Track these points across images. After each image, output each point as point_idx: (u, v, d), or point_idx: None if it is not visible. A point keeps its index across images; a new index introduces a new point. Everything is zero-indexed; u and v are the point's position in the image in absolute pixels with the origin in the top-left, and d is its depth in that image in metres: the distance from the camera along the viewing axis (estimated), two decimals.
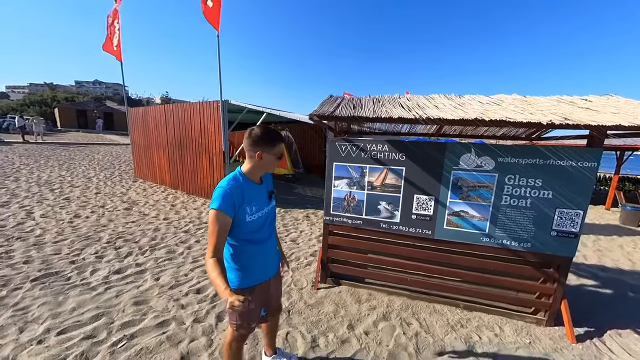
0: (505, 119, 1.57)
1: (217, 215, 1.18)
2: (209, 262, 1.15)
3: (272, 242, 1.48)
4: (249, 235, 1.31)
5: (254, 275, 1.38)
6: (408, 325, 2.33)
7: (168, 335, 2.08)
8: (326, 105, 2.21)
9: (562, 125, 1.54)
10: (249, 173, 1.33)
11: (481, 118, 1.59)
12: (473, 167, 2.32)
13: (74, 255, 3.31)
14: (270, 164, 1.32)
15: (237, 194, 1.23)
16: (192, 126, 6.07)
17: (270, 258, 1.48)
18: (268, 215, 1.41)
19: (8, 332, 2.04)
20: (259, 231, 1.35)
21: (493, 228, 2.36)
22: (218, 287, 1.07)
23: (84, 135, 21.25)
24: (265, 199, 1.39)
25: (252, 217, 1.29)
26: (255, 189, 1.34)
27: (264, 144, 1.26)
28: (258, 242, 1.36)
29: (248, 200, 1.27)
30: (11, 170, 7.82)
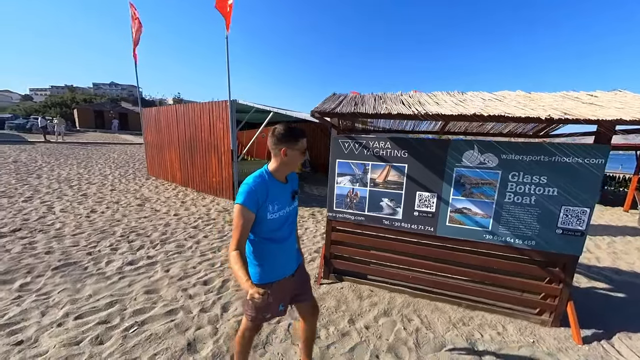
0: (504, 114, 1.57)
1: (241, 210, 1.22)
2: (232, 255, 1.18)
3: (292, 241, 1.49)
4: (269, 234, 1.34)
5: (272, 272, 1.40)
6: (409, 322, 2.34)
7: (176, 323, 2.18)
8: (328, 102, 2.26)
9: (562, 120, 1.53)
10: (275, 171, 1.35)
11: (479, 113, 1.59)
12: (476, 164, 2.31)
13: (90, 247, 3.49)
14: (295, 159, 1.34)
15: (262, 192, 1.26)
16: (201, 126, 6.24)
17: (289, 256, 1.48)
18: (290, 214, 1.42)
19: (31, 315, 2.19)
20: (279, 230, 1.37)
21: (496, 225, 2.34)
22: (240, 279, 1.11)
23: (100, 135, 22.12)
24: (289, 198, 1.40)
25: (273, 215, 1.31)
26: (280, 187, 1.36)
27: (288, 140, 1.29)
28: (278, 240, 1.37)
29: (271, 199, 1.29)
30: (34, 168, 8.26)
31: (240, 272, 1.12)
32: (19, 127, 20.37)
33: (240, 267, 1.14)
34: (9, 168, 7.98)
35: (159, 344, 1.96)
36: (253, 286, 1.05)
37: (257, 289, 1.03)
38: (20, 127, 20.37)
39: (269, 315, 1.46)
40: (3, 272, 2.78)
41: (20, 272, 2.81)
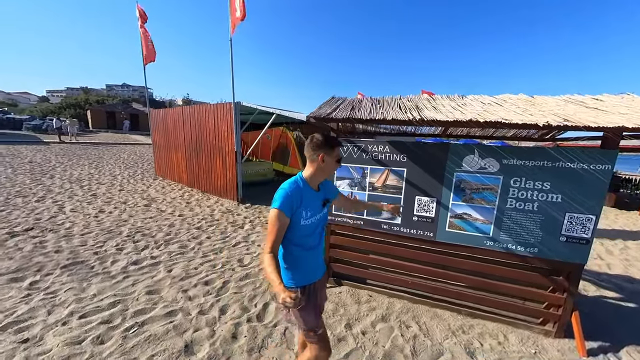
0: (500, 120, 1.53)
1: (277, 214, 1.25)
2: (266, 257, 1.20)
3: (321, 248, 1.52)
4: (300, 240, 1.37)
5: (303, 277, 1.42)
6: (407, 328, 2.32)
7: (175, 325, 2.22)
8: (325, 107, 2.25)
9: (561, 127, 1.48)
10: (309, 178, 1.39)
11: (475, 119, 1.56)
12: (476, 168, 2.27)
13: (97, 246, 3.59)
14: (330, 166, 1.39)
15: (296, 197, 1.29)
16: (206, 127, 6.33)
17: (317, 262, 1.51)
18: (320, 221, 1.45)
19: (38, 313, 2.27)
20: (310, 236, 1.40)
21: (497, 232, 2.29)
22: (273, 282, 1.12)
23: (112, 136, 22.73)
24: (319, 205, 1.43)
25: (306, 221, 1.34)
26: (312, 194, 1.39)
27: (326, 147, 1.35)
28: (308, 247, 1.40)
29: (305, 205, 1.32)
30: (48, 168, 8.56)
31: (273, 275, 1.14)
32: (36, 127, 21.15)
33: (273, 270, 1.15)
34: (24, 168, 8.29)
35: (158, 345, 2.00)
36: (285, 290, 1.06)
37: (289, 292, 1.04)
38: (36, 127, 21.15)
39: (320, 331, 1.44)
40: (14, 270, 2.89)
41: (31, 270, 2.92)
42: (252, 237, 4.22)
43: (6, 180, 6.69)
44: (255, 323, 2.29)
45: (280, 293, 1.05)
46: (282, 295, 1.04)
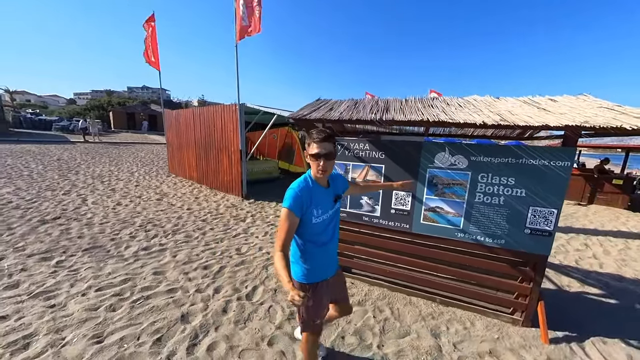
0: (447, 120, 1.71)
1: (287, 214, 1.26)
2: (277, 255, 1.21)
3: (334, 244, 1.53)
4: (312, 237, 1.38)
5: (315, 274, 1.45)
6: (380, 312, 2.52)
7: (174, 299, 2.54)
8: (305, 109, 2.50)
9: (495, 126, 1.64)
10: (315, 176, 1.39)
11: (419, 119, 1.75)
12: (447, 165, 2.44)
13: (114, 234, 4.02)
14: (311, 162, 1.35)
15: (306, 197, 1.30)
16: (214, 127, 6.74)
17: (330, 259, 1.53)
18: (332, 218, 1.46)
19: (63, 286, 2.66)
20: (322, 233, 1.41)
21: (467, 224, 2.45)
22: (282, 279, 1.14)
23: (131, 136, 24.02)
24: (331, 202, 1.43)
25: (317, 219, 1.35)
26: (322, 192, 1.39)
27: (307, 144, 1.35)
28: (321, 243, 1.42)
29: (315, 203, 1.33)
30: (73, 165, 9.33)
31: (283, 272, 1.15)
32: (63, 128, 22.73)
33: (283, 268, 1.16)
34: (53, 165, 9.09)
35: (159, 314, 2.33)
36: (294, 288, 1.07)
37: (298, 291, 1.05)
38: (64, 128, 22.72)
39: (318, 321, 1.50)
40: (45, 251, 3.34)
41: (57, 251, 3.36)
42: (252, 230, 4.53)
43: (38, 176, 7.41)
44: (244, 301, 2.57)
45: (289, 291, 1.06)
46: (291, 293, 1.04)
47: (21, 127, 22.82)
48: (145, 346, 1.97)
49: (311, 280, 1.46)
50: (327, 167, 1.33)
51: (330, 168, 1.35)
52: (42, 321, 2.16)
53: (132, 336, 2.06)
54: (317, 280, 1.48)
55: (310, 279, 1.46)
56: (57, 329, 2.09)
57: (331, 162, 1.33)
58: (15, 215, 4.44)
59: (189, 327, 2.18)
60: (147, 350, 1.94)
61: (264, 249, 3.82)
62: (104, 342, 1.99)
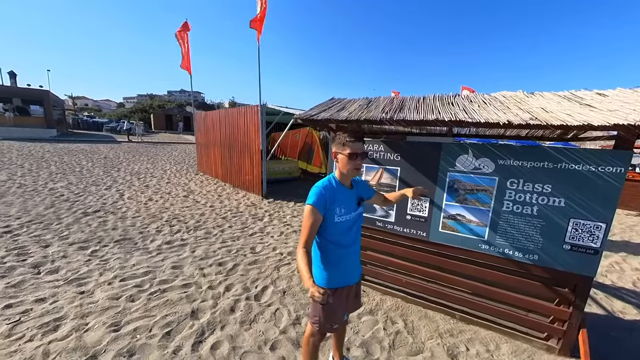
0: (465, 120, 1.51)
1: (310, 210, 1.30)
2: (299, 252, 1.24)
3: (356, 249, 1.52)
4: (334, 237, 1.39)
5: (337, 278, 1.45)
6: (392, 324, 2.36)
7: (187, 294, 2.64)
8: (314, 109, 2.42)
9: (524, 125, 1.41)
10: (339, 176, 1.43)
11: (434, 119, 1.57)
12: (470, 169, 2.20)
13: (142, 228, 4.32)
14: (344, 162, 1.37)
15: (329, 195, 1.34)
16: (238, 128, 6.96)
17: (353, 264, 1.52)
18: (355, 221, 1.46)
19: (93, 274, 2.90)
20: (344, 234, 1.41)
21: (493, 235, 2.19)
22: (303, 276, 1.16)
23: (168, 136, 25.97)
24: (354, 204, 1.45)
25: (340, 218, 1.37)
26: (345, 192, 1.42)
27: (336, 144, 1.40)
28: (343, 245, 1.42)
29: (338, 202, 1.36)
30: (116, 163, 10.30)
31: (305, 268, 1.17)
32: (112, 129, 25.30)
33: (304, 264, 1.19)
34: (100, 163, 10.12)
35: (171, 308, 2.43)
36: (314, 285, 1.08)
37: (318, 287, 1.06)
38: (112, 129, 25.29)
39: (336, 326, 1.49)
40: (83, 241, 3.69)
41: (93, 241, 3.69)
42: (268, 229, 4.58)
43: (87, 172, 8.29)
44: (252, 302, 2.58)
45: (309, 287, 1.07)
46: (311, 289, 1.05)
47: (78, 128, 25.84)
48: (155, 339, 2.05)
49: (333, 285, 1.45)
50: (360, 166, 1.40)
51: (360, 167, 1.42)
52: (72, 306, 2.37)
53: (145, 327, 2.16)
54: (338, 285, 1.47)
55: (332, 283, 1.45)
56: (83, 314, 2.27)
57: (364, 160, 1.41)
58: (64, 207, 4.99)
59: (197, 324, 2.23)
60: (156, 343, 2.01)
61: (278, 249, 3.83)
62: (120, 331, 2.11)
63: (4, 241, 3.50)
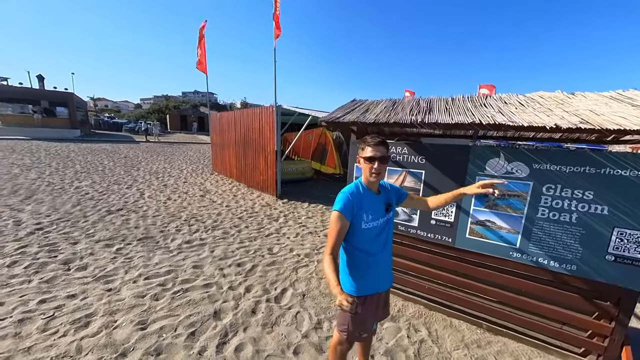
0: (505, 123, 1.43)
1: (337, 216, 1.27)
2: (326, 259, 1.23)
3: (386, 256, 1.47)
4: (362, 244, 1.36)
5: (366, 286, 1.41)
6: (415, 332, 2.30)
7: (209, 294, 2.67)
8: (338, 111, 2.38)
9: (574, 129, 1.31)
10: (366, 181, 1.40)
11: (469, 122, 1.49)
12: (502, 173, 2.10)
13: (163, 227, 4.43)
14: (364, 167, 1.35)
15: (356, 201, 1.31)
16: (252, 128, 7.03)
17: (382, 271, 1.47)
18: (384, 227, 1.41)
19: (119, 272, 3.00)
20: (372, 241, 1.37)
21: (526, 243, 2.08)
22: (330, 283, 1.14)
23: (183, 136, 26.65)
24: (382, 210, 1.40)
25: (367, 225, 1.34)
26: (372, 198, 1.38)
27: (359, 149, 1.39)
28: (371, 253, 1.38)
29: (366, 208, 1.33)
30: (136, 162, 10.65)
31: (332, 276, 1.15)
32: (131, 129, 26.23)
33: (332, 271, 1.17)
34: (121, 162, 10.50)
35: (195, 307, 2.46)
36: (343, 292, 1.06)
37: (346, 295, 1.04)
38: (131, 129, 26.22)
39: (365, 335, 1.46)
40: (109, 238, 3.82)
41: (118, 239, 3.82)
42: (284, 230, 4.59)
43: (109, 171, 8.62)
44: (272, 304, 2.58)
45: (337, 295, 1.05)
46: (339, 297, 1.03)
47: (99, 129, 26.96)
48: (180, 338, 2.08)
49: (362, 293, 1.42)
50: (381, 170, 1.34)
51: (383, 172, 1.36)
52: (101, 303, 2.45)
53: (170, 327, 2.20)
54: (368, 293, 1.43)
55: (361, 291, 1.42)
56: (111, 311, 2.34)
57: (384, 165, 1.35)
58: (89, 205, 5.20)
59: (220, 325, 2.26)
60: (181, 342, 2.05)
61: (295, 250, 3.82)
62: (147, 330, 2.16)
63: (37, 238, 3.68)
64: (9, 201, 5.10)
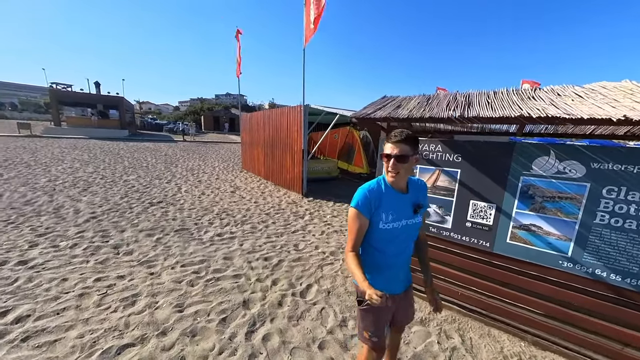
0: (560, 115, 1.28)
1: (355, 213, 1.23)
2: (349, 255, 1.21)
3: (404, 259, 1.37)
4: (378, 244, 1.28)
5: (380, 282, 1.29)
6: (447, 338, 2.17)
7: (238, 285, 2.79)
8: (369, 107, 2.33)
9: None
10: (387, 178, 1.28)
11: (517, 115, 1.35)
12: (552, 173, 1.90)
13: (197, 219, 4.73)
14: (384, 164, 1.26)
15: (375, 198, 1.23)
16: (280, 127, 7.21)
17: (397, 273, 1.38)
18: (407, 229, 1.30)
19: (159, 259, 3.26)
20: (391, 242, 1.28)
21: (580, 252, 1.86)
22: (358, 278, 1.11)
23: (216, 136, 28.23)
24: (408, 210, 1.28)
25: (386, 225, 1.24)
26: (396, 197, 1.27)
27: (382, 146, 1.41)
28: (388, 255, 1.30)
29: (385, 207, 1.23)
30: (174, 160, 11.51)
31: (357, 271, 1.13)
32: (170, 130, 28.44)
33: (357, 267, 1.15)
34: (161, 159, 11.42)
35: (225, 296, 2.59)
36: (371, 287, 1.03)
37: (376, 290, 1.00)
38: (170, 130, 28.42)
39: (375, 339, 1.37)
40: (150, 229, 4.17)
41: (158, 229, 4.15)
42: (309, 227, 4.64)
43: (152, 167, 9.43)
44: (298, 298, 2.62)
45: (366, 290, 1.01)
46: (368, 292, 1.00)
47: (144, 129, 29.60)
48: (213, 323, 2.20)
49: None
50: (398, 169, 1.21)
51: (403, 171, 1.22)
52: (144, 285, 2.68)
53: (204, 311, 2.34)
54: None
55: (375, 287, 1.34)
56: (153, 293, 2.56)
57: (403, 164, 1.20)
58: (135, 197, 5.73)
59: (248, 314, 2.34)
60: (214, 327, 2.16)
61: (320, 247, 3.84)
62: (184, 312, 2.32)
63: (92, 225, 4.15)
64: (70, 192, 5.81)
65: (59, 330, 2.04)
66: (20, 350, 1.85)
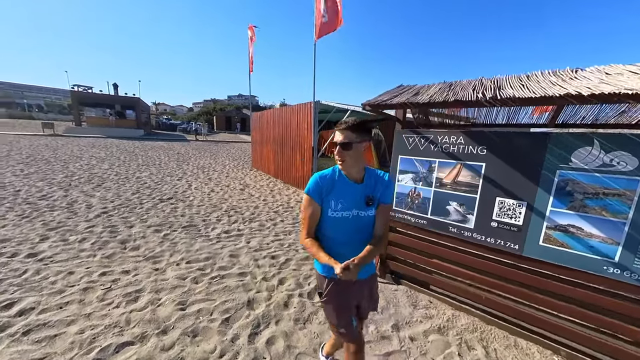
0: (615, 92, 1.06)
1: (307, 199, 1.26)
2: (306, 242, 1.24)
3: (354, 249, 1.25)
4: (330, 231, 1.28)
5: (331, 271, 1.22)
6: (469, 349, 1.96)
7: (244, 283, 2.67)
8: (384, 95, 2.16)
9: None
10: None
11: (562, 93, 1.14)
12: (595, 166, 1.67)
13: (205, 216, 4.68)
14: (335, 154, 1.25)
15: (326, 185, 1.24)
16: (290, 126, 7.11)
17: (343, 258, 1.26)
18: (358, 220, 1.26)
19: (165, 255, 3.20)
20: (340, 231, 1.27)
21: (629, 257, 1.61)
22: (322, 258, 1.15)
23: (227, 135, 28.64)
24: (360, 201, 1.25)
25: (335, 213, 1.23)
26: (349, 186, 1.25)
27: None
28: (339, 242, 1.28)
29: (335, 195, 1.23)
30: (186, 158, 11.68)
31: (320, 253, 1.17)
32: (183, 129, 29.11)
33: (318, 249, 1.19)
34: (174, 157, 11.61)
35: (230, 294, 2.48)
36: (337, 262, 1.08)
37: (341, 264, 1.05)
38: (184, 129, 29.09)
39: (342, 330, 1.32)
40: (158, 224, 4.15)
41: (166, 225, 4.12)
42: None
43: (164, 165, 9.58)
44: (305, 299, 2.47)
45: (333, 265, 1.08)
46: (336, 267, 1.06)
47: (159, 129, 30.46)
48: (215, 323, 2.09)
49: (329, 273, 1.32)
50: (343, 157, 1.22)
51: (349, 158, 1.21)
52: (149, 280, 2.61)
53: (207, 310, 2.23)
54: (334, 275, 1.19)
55: (329, 272, 1.31)
56: (157, 289, 2.48)
57: (348, 151, 1.20)
58: (145, 194, 5.78)
59: (252, 314, 2.22)
60: (216, 327, 2.05)
61: None
62: (186, 311, 2.22)
63: (102, 220, 4.16)
64: (84, 188, 5.93)
65: (60, 325, 1.98)
66: (20, 344, 1.80)
